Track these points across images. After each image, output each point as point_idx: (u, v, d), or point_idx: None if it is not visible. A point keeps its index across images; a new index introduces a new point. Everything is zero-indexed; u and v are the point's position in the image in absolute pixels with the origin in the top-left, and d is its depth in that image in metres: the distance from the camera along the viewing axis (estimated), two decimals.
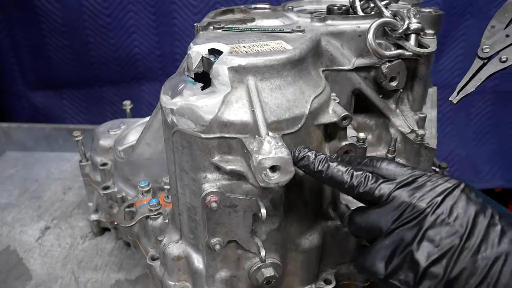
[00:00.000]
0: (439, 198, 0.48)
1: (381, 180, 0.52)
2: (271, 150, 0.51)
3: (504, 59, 0.59)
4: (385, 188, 0.51)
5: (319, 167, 0.54)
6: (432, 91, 0.95)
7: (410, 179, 0.51)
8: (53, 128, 1.52)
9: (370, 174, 0.53)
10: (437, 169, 1.00)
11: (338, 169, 0.53)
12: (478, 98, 1.94)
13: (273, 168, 0.51)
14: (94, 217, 1.07)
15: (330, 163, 0.54)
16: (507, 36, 0.59)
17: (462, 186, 0.49)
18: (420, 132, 0.72)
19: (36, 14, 1.69)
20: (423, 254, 0.47)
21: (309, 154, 0.55)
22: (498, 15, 0.60)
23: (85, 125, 1.62)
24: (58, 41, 1.75)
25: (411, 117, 0.77)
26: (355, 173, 0.53)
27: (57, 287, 0.96)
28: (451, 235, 0.46)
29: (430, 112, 0.84)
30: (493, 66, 0.60)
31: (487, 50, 0.60)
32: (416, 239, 0.48)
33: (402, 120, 0.76)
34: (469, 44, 1.80)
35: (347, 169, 0.53)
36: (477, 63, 0.61)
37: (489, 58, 0.60)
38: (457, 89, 0.62)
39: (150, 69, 1.84)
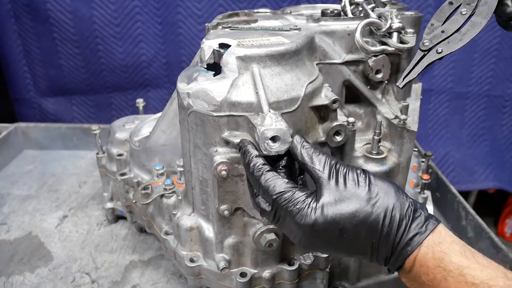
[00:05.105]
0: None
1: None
2: (272, 123, 0.61)
3: (440, 50, 0.70)
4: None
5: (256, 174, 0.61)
6: (417, 86, 1.05)
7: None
8: (68, 127, 1.60)
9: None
10: (423, 159, 1.10)
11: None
12: (471, 102, 2.00)
13: (274, 139, 0.61)
14: (109, 205, 1.16)
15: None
16: (443, 32, 0.70)
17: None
18: (403, 117, 0.82)
19: (49, 24, 1.77)
20: None
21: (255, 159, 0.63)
22: (436, 15, 0.71)
23: (98, 124, 1.70)
24: (70, 50, 1.83)
25: (396, 106, 0.87)
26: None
27: (77, 266, 1.04)
28: None
29: (414, 103, 0.94)
30: (431, 57, 0.71)
31: (427, 43, 0.70)
32: None
33: (388, 108, 0.86)
34: (461, 51, 1.88)
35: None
36: (418, 54, 0.72)
37: (429, 50, 0.71)
38: (403, 76, 0.72)
39: (156, 76, 1.92)
